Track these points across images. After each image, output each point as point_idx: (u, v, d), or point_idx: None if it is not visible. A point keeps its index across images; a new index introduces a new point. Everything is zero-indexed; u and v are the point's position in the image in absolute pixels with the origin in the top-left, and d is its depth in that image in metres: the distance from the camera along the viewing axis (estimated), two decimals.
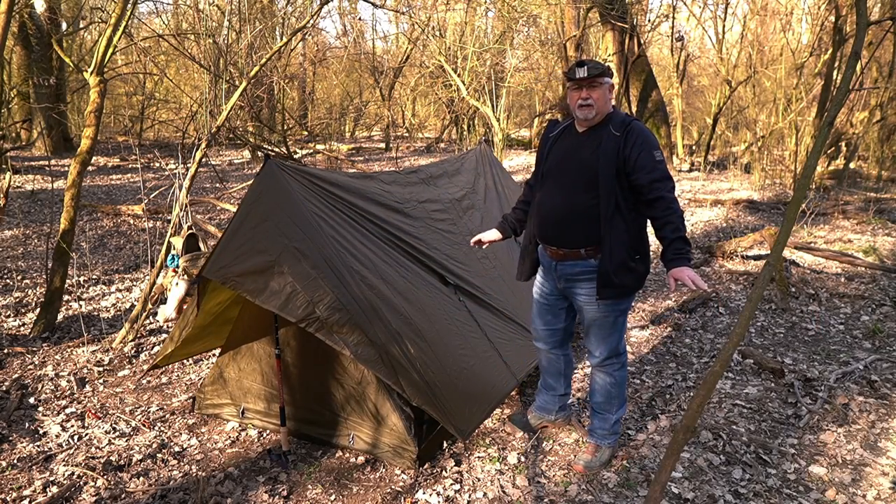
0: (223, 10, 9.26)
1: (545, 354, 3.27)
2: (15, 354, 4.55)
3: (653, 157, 2.67)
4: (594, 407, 3.13)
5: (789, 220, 2.30)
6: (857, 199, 9.21)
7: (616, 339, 2.98)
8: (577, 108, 2.78)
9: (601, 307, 2.87)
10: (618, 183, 2.70)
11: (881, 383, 3.85)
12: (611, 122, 2.78)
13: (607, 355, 3.00)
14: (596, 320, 2.92)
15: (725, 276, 6.13)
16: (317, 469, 3.14)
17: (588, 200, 2.75)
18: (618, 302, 2.87)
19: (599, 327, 2.94)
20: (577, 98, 2.76)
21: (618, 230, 2.73)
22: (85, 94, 14.90)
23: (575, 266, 2.87)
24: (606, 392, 3.05)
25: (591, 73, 2.70)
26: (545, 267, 3.05)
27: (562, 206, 2.83)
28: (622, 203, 2.72)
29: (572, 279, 2.92)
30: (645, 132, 2.74)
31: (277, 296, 2.86)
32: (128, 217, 8.91)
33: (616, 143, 2.70)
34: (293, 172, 3.14)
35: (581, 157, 2.80)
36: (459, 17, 14.31)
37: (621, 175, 2.70)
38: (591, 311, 2.91)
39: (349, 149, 17.65)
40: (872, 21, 2.25)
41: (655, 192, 2.66)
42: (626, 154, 2.68)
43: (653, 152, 2.68)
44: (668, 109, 14.69)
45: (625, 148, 2.68)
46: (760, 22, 13.91)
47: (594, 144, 2.77)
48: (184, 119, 13.12)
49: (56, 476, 3.11)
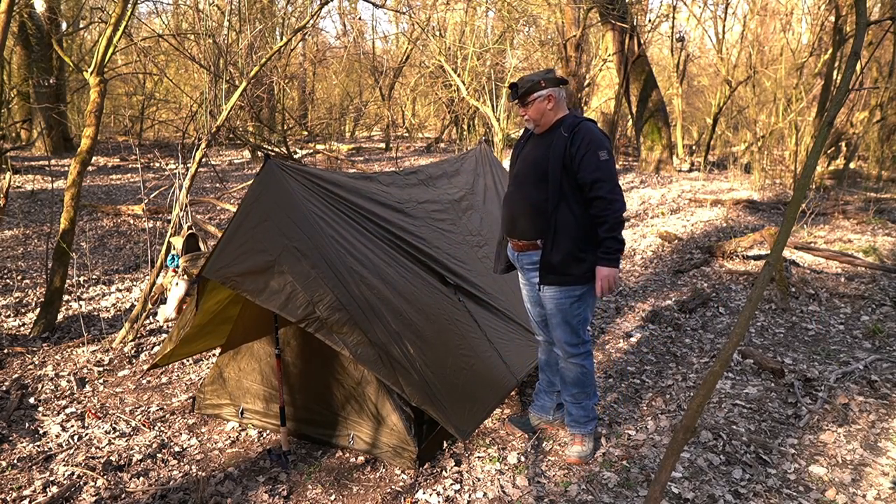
0: (223, 10, 9.26)
1: (544, 346, 3.34)
2: (15, 354, 4.55)
3: (597, 157, 2.83)
4: (570, 399, 3.20)
5: (789, 220, 2.30)
6: (857, 199, 9.21)
7: (573, 327, 3.06)
8: (524, 121, 3.09)
9: (550, 293, 3.01)
10: (565, 179, 2.88)
11: (881, 383, 3.85)
12: (562, 125, 2.97)
13: (568, 343, 3.08)
14: (552, 309, 3.06)
15: (725, 276, 6.13)
16: (317, 469, 3.14)
17: (539, 195, 2.95)
18: (568, 289, 2.98)
19: (553, 315, 3.07)
20: (519, 114, 3.10)
21: (564, 222, 2.90)
22: (85, 94, 14.90)
23: (532, 255, 3.05)
24: (580, 381, 3.15)
25: (515, 96, 2.99)
26: (511, 259, 3.23)
27: (519, 201, 3.06)
28: (570, 197, 2.89)
29: (531, 269, 3.09)
30: (593, 133, 2.90)
31: (277, 296, 2.86)
32: (128, 217, 8.91)
33: (564, 142, 2.89)
34: (293, 172, 3.14)
35: (535, 157, 3.02)
36: (459, 17, 14.31)
37: (569, 171, 2.88)
38: (546, 299, 3.06)
39: (349, 149, 17.65)
40: (872, 21, 2.25)
41: (595, 192, 2.83)
42: (572, 152, 2.86)
43: (598, 152, 2.84)
44: (668, 109, 14.69)
45: (571, 147, 2.87)
46: (760, 22, 13.91)
47: (546, 144, 2.98)
48: (184, 119, 13.11)
49: (56, 476, 3.11)
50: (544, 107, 2.96)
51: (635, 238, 7.80)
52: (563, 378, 3.20)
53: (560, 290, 2.98)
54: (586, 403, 3.19)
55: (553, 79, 2.95)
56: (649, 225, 8.48)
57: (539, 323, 3.28)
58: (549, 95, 2.95)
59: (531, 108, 2.97)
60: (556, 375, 3.34)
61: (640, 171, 13.38)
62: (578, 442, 3.21)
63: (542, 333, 3.30)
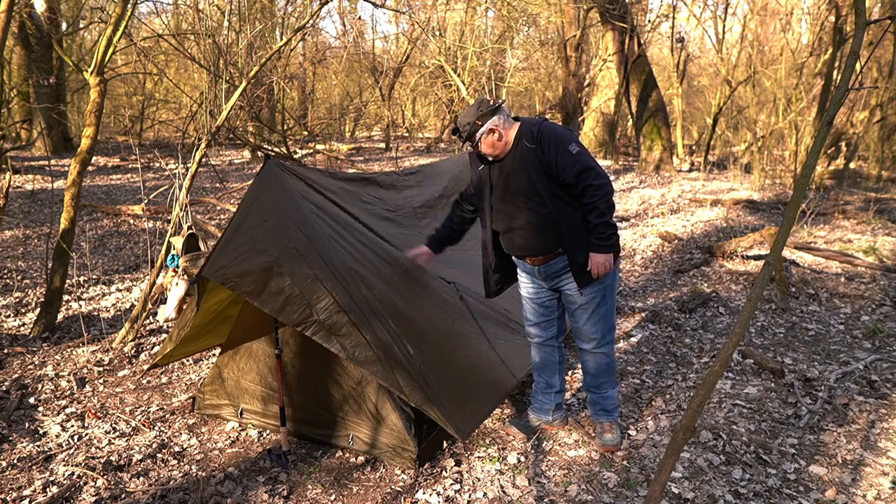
0: (223, 10, 9.26)
1: (540, 348, 3.34)
2: (15, 354, 4.55)
3: (569, 154, 2.85)
4: (596, 389, 3.25)
5: (789, 219, 2.30)
6: (857, 198, 9.21)
7: (608, 316, 3.12)
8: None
9: (586, 291, 3.03)
10: (554, 185, 2.91)
11: (881, 383, 3.85)
12: (523, 137, 2.95)
13: (602, 333, 3.12)
14: (584, 304, 3.06)
15: (725, 276, 6.13)
16: (317, 469, 3.14)
17: (540, 211, 2.95)
18: (599, 282, 3.02)
19: (590, 310, 3.07)
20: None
21: (573, 223, 2.93)
22: (85, 94, 14.90)
23: (557, 263, 3.05)
24: (606, 370, 3.20)
25: (462, 138, 2.97)
26: (528, 272, 3.19)
27: (523, 225, 3.01)
28: (565, 197, 2.92)
29: (558, 275, 3.08)
30: (555, 131, 2.92)
31: (276, 297, 2.85)
32: (128, 217, 8.91)
33: (535, 153, 2.90)
34: (293, 172, 3.14)
35: (515, 179, 2.98)
36: (459, 17, 14.31)
37: (552, 177, 2.90)
38: (579, 298, 3.06)
39: (349, 149, 17.64)
40: (871, 20, 2.25)
41: (582, 184, 2.85)
42: (547, 160, 2.88)
43: (568, 148, 2.86)
44: (668, 109, 14.69)
45: (545, 155, 2.88)
46: (760, 22, 13.91)
47: (518, 163, 2.96)
48: (184, 119, 13.11)
49: (56, 476, 3.11)
50: (493, 139, 2.95)
51: (635, 238, 7.80)
52: (587, 369, 3.24)
53: (594, 284, 3.02)
54: (611, 392, 3.26)
55: (486, 112, 2.91)
56: (649, 225, 8.48)
57: (541, 324, 3.28)
58: (490, 129, 2.93)
59: (482, 145, 2.97)
60: (555, 376, 3.35)
61: (639, 170, 13.38)
62: (608, 430, 3.28)
63: (541, 335, 3.30)
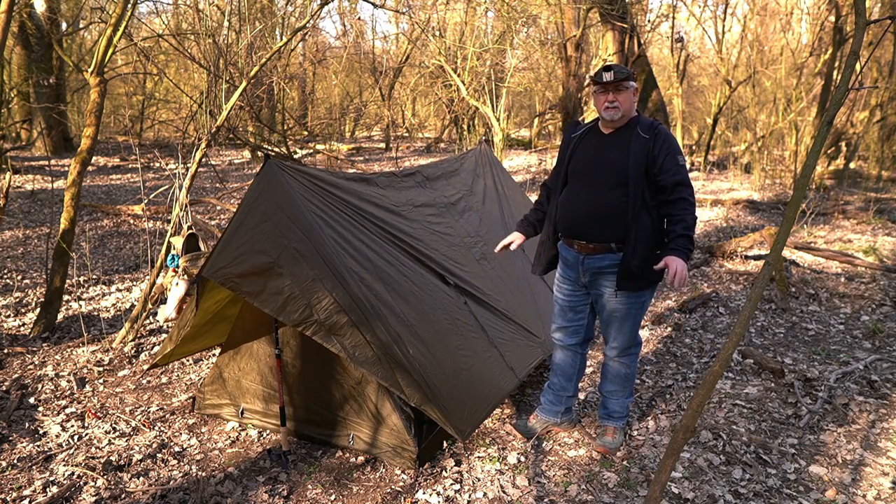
0: (223, 10, 9.26)
1: (563, 351, 3.32)
2: (15, 354, 4.55)
3: (677, 162, 2.84)
4: (610, 394, 3.27)
5: (789, 219, 2.30)
6: (858, 198, 9.21)
7: (634, 330, 3.13)
8: (604, 109, 2.92)
9: (621, 298, 3.00)
10: (645, 182, 2.85)
11: (881, 383, 3.85)
12: (638, 125, 2.92)
13: (626, 345, 3.14)
14: (616, 311, 3.05)
15: (725, 276, 6.13)
16: (317, 469, 3.14)
17: (618, 197, 2.88)
18: (638, 294, 3.01)
19: (620, 319, 3.07)
20: (604, 101, 2.90)
21: (643, 225, 2.87)
22: (85, 94, 14.90)
23: (604, 259, 2.99)
24: (623, 380, 3.22)
25: (618, 77, 2.84)
26: (570, 262, 3.12)
27: (592, 204, 2.95)
28: (648, 200, 2.87)
29: (599, 272, 3.03)
30: (671, 138, 2.90)
31: (276, 298, 2.85)
32: (128, 217, 8.91)
33: (645, 144, 2.85)
34: (293, 172, 3.14)
35: (610, 157, 2.92)
36: (459, 17, 14.31)
37: (649, 174, 2.85)
38: (613, 302, 3.03)
39: (349, 149, 17.64)
40: (871, 20, 2.25)
41: (678, 194, 2.83)
42: (654, 155, 2.83)
43: (676, 157, 2.85)
44: (668, 109, 14.67)
45: (653, 149, 2.84)
46: (760, 22, 13.91)
47: (623, 145, 2.90)
48: (184, 119, 13.11)
49: (56, 476, 3.11)
50: (631, 98, 2.90)
51: None
52: (607, 375, 3.25)
53: (632, 294, 2.99)
54: (623, 402, 3.28)
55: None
56: None
57: (567, 328, 3.24)
58: (636, 89, 2.94)
59: (622, 94, 2.87)
60: (571, 380, 3.35)
61: None
62: (610, 433, 3.30)
63: (566, 340, 3.27)
